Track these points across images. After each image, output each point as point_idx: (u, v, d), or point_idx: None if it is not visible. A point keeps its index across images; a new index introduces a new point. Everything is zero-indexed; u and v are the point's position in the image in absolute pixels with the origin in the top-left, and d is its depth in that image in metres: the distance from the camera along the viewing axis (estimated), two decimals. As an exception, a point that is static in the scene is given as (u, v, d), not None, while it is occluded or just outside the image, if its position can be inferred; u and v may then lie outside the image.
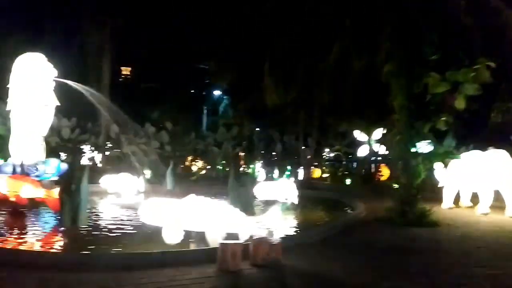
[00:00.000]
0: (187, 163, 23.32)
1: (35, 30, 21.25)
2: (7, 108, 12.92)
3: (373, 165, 23.59)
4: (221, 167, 23.32)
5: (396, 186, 9.65)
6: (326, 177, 23.69)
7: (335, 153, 27.79)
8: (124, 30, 23.81)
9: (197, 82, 28.14)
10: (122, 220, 8.65)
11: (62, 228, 6.67)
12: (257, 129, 24.42)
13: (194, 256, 5.24)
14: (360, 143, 23.25)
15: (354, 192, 15.83)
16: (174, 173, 15.74)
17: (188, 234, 6.00)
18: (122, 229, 7.48)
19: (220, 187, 17.27)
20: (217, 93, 30.39)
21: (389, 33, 9.07)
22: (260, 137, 23.56)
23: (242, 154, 24.10)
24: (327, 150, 28.23)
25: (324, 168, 24.53)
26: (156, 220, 6.00)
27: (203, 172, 22.75)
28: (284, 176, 14.79)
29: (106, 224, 7.95)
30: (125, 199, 12.80)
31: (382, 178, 21.26)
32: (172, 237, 5.86)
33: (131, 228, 7.39)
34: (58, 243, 6.43)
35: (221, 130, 22.94)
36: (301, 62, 15.93)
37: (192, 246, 5.93)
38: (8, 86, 12.96)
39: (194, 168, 23.21)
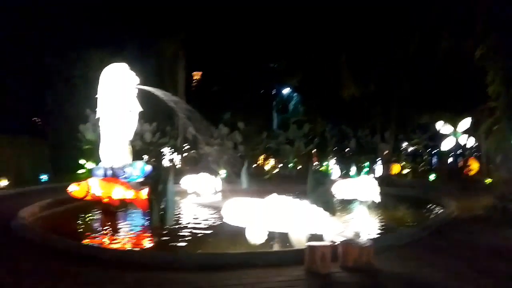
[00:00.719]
0: (260, 162, 23.52)
1: (116, 44, 22.91)
2: (97, 116, 14.06)
3: (459, 159, 21.70)
4: (293, 165, 23.14)
5: (489, 181, 8.64)
6: (407, 173, 22.28)
7: (414, 147, 26.09)
8: (195, 38, 24.75)
9: (266, 81, 28.22)
10: (204, 219, 8.87)
11: (151, 228, 6.99)
12: (329, 125, 23.82)
13: (281, 258, 5.12)
14: (444, 136, 21.49)
15: (439, 188, 14.62)
16: (248, 172, 15.91)
17: (271, 235, 5.91)
18: (206, 228, 7.65)
19: (294, 185, 17.18)
20: (286, 91, 30.26)
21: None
22: (332, 133, 22.93)
23: (314, 151, 23.69)
24: (405, 144, 26.65)
25: (404, 163, 23.09)
26: (239, 220, 5.99)
27: (276, 170, 22.76)
28: (363, 173, 14.15)
29: (190, 224, 8.19)
30: (204, 198, 13.20)
31: (471, 173, 19.43)
32: (255, 237, 5.81)
33: (215, 227, 7.51)
34: (149, 243, 6.74)
35: (292, 128, 22.76)
36: (379, 52, 15.12)
37: (276, 247, 5.82)
38: (96, 96, 14.09)
39: (267, 167, 23.33)
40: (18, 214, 7.69)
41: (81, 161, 19.45)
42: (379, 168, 20.56)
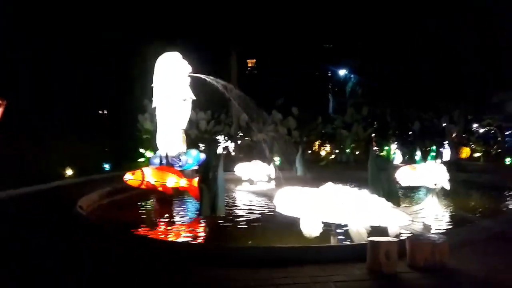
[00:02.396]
0: (315, 148, 22.80)
1: (170, 36, 23.28)
2: (153, 106, 14.32)
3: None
4: (350, 151, 22.14)
5: None
6: (478, 156, 20.36)
7: (486, 128, 23.77)
8: (247, 25, 24.50)
9: (321, 62, 27.23)
10: (257, 208, 8.58)
11: (202, 217, 6.83)
12: (389, 107, 22.36)
13: (338, 253, 4.65)
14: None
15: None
16: (303, 159, 15.38)
17: (327, 227, 5.42)
18: (258, 219, 7.34)
19: (352, 172, 16.36)
20: (343, 72, 28.94)
21: None
22: (393, 116, 21.51)
23: (373, 135, 22.48)
24: (475, 125, 24.39)
25: (475, 146, 21.10)
26: (292, 210, 5.56)
27: (332, 156, 21.91)
28: (429, 158, 13.01)
29: (242, 213, 7.94)
30: (258, 186, 12.95)
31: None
32: (310, 229, 5.35)
33: (267, 217, 7.17)
34: (199, 234, 6.57)
35: (350, 111, 21.67)
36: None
37: (333, 241, 5.33)
38: (152, 85, 14.32)
39: (322, 153, 22.56)
40: (77, 203, 7.92)
41: (141, 150, 20.14)
42: (447, 152, 18.95)
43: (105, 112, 26.98)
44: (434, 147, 17.63)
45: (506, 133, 23.82)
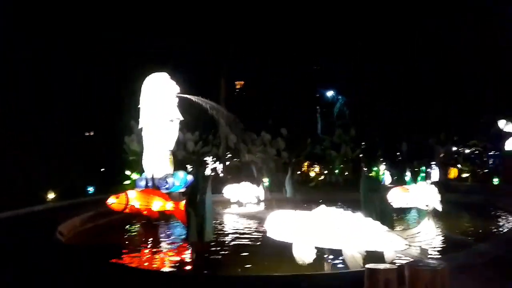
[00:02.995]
0: (304, 169, 22.64)
1: (157, 55, 23.25)
2: (139, 126, 14.05)
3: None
4: (339, 172, 22.04)
5: None
6: (466, 177, 20.46)
7: (472, 148, 24.05)
8: (235, 46, 24.66)
9: (308, 84, 27.47)
10: (246, 232, 8.27)
11: (189, 243, 6.48)
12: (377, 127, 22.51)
13: (333, 281, 4.39)
14: (508, 135, 19.57)
15: (507, 193, 13.07)
16: (292, 180, 15.18)
17: (321, 252, 5.17)
18: (248, 244, 7.03)
19: (342, 193, 16.19)
20: (330, 93, 29.24)
21: None
22: (381, 136, 21.60)
23: (361, 156, 22.48)
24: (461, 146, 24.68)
25: (462, 167, 21.25)
26: (284, 235, 5.31)
27: (322, 177, 21.75)
28: (419, 178, 12.98)
29: (231, 238, 7.62)
30: (247, 208, 12.65)
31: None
32: (303, 255, 5.10)
33: (257, 242, 6.87)
34: (186, 261, 6.23)
35: (338, 132, 21.69)
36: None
37: (328, 268, 5.07)
38: (139, 106, 14.09)
39: (312, 174, 22.40)
40: (57, 228, 7.51)
41: (127, 172, 19.69)
42: (434, 173, 19.00)
43: (91, 133, 26.51)
44: (423, 168, 17.67)
45: (490, 154, 24.12)
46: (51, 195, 13.44)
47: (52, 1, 20.54)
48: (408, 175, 13.06)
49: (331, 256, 5.20)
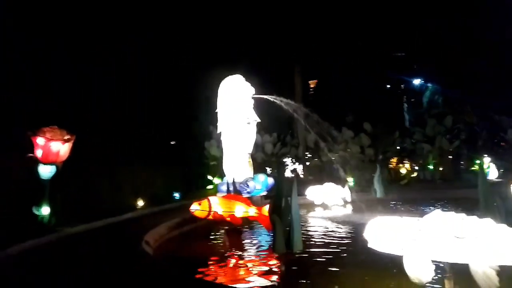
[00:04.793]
0: (393, 166, 20.87)
1: (231, 60, 23.37)
2: (218, 131, 13.97)
3: None
4: (433, 167, 19.88)
5: None
6: None
7: None
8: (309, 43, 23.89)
9: (393, 73, 25.41)
10: (338, 241, 7.42)
11: (277, 254, 5.87)
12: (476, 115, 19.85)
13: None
14: None
15: None
16: (382, 178, 13.89)
17: (439, 268, 4.18)
18: (344, 256, 6.18)
19: (439, 191, 14.43)
20: (418, 81, 26.70)
21: None
22: (483, 125, 18.99)
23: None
24: None
25: None
26: (391, 246, 4.41)
27: (414, 174, 19.79)
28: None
29: (322, 248, 6.82)
30: (333, 211, 11.78)
31: None
32: (417, 271, 4.16)
33: (354, 253, 6.00)
34: (274, 276, 5.60)
35: (430, 123, 19.51)
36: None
37: (450, 286, 4.07)
38: (216, 111, 14.02)
39: (402, 171, 20.54)
40: (144, 238, 7.44)
41: (209, 177, 19.97)
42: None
43: (174, 142, 27.64)
44: None
45: None
46: (140, 203, 13.91)
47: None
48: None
49: (453, 273, 4.19)
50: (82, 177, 14.24)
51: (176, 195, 16.56)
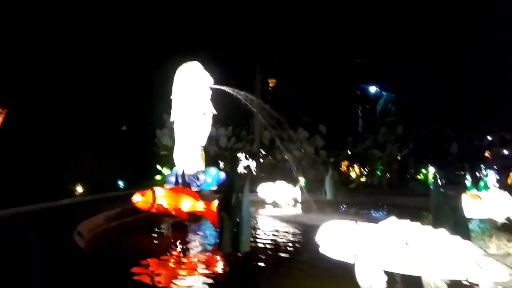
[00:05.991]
0: (343, 170, 21.24)
1: (192, 47, 22.58)
2: (171, 119, 13.30)
3: None
4: (380, 173, 20.47)
5: None
6: (527, 183, 18.33)
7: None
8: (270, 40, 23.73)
9: (349, 79, 25.92)
10: (288, 242, 7.15)
11: (222, 253, 5.46)
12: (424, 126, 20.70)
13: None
14: None
15: None
16: (333, 181, 13.93)
17: (391, 277, 4.00)
18: (293, 259, 5.87)
19: (386, 197, 14.75)
20: (373, 89, 27.47)
21: None
22: (430, 137, 19.82)
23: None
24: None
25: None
26: (343, 253, 4.18)
27: (363, 179, 20.25)
28: (481, 184, 11.38)
29: (270, 249, 6.50)
30: (283, 210, 11.59)
31: None
32: (368, 280, 3.96)
33: (305, 258, 5.67)
34: (217, 276, 5.18)
35: (382, 131, 20.06)
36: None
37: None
38: (171, 98, 13.34)
39: (352, 175, 20.95)
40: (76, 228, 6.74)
41: (158, 167, 19.14)
42: (491, 177, 17.06)
43: (124, 128, 26.30)
44: (488, 171, 15.86)
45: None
46: (79, 189, 12.92)
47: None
48: (468, 180, 11.46)
49: (404, 284, 4.03)
50: (20, 158, 13.06)
51: (121, 183, 15.63)
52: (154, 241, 7.40)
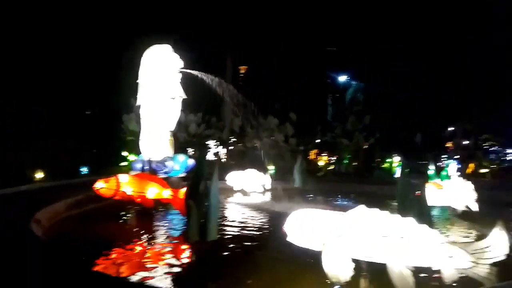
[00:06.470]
0: (312, 158, 21.46)
1: (162, 30, 21.85)
2: (137, 104, 12.82)
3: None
4: (347, 161, 20.84)
5: None
6: (484, 172, 19.28)
7: (486, 143, 22.79)
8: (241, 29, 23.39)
9: (320, 68, 26.02)
10: (257, 230, 7.10)
11: (188, 241, 5.32)
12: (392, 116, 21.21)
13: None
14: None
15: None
16: (301, 169, 14.02)
17: (358, 266, 4.01)
18: (262, 247, 5.79)
19: (354, 184, 15.04)
20: (343, 78, 27.71)
21: None
22: (397, 127, 20.33)
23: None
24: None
25: (481, 162, 20.03)
26: (310, 241, 4.15)
27: (331, 167, 20.55)
28: (444, 173, 11.79)
29: (238, 237, 6.43)
30: (252, 198, 11.55)
31: None
32: (336, 268, 3.95)
33: (272, 244, 5.64)
34: (183, 267, 5.03)
35: (351, 119, 20.34)
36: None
37: (366, 286, 3.93)
38: (137, 81, 12.83)
39: (320, 163, 21.21)
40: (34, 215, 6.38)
41: (124, 153, 18.58)
42: (452, 167, 17.76)
43: (89, 112, 25.29)
44: (449, 162, 16.44)
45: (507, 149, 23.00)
46: (39, 175, 12.33)
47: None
48: (432, 169, 11.82)
49: (370, 271, 4.06)
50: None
51: (84, 170, 15.07)
52: (118, 229, 7.14)
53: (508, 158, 22.84)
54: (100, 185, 7.29)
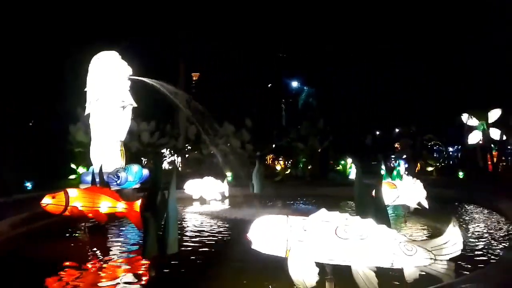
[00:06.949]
0: (269, 163, 21.58)
1: (110, 38, 21.11)
2: (86, 113, 12.25)
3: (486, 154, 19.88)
4: (303, 165, 21.20)
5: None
6: (431, 171, 20.42)
7: (430, 142, 24.25)
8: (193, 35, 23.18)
9: (273, 74, 26.36)
10: (218, 240, 6.94)
11: (147, 257, 5.05)
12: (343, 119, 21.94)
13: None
14: (470, 129, 19.76)
15: (479, 188, 12.79)
16: (259, 174, 14.02)
17: (322, 269, 4.00)
18: (225, 257, 5.65)
19: (310, 188, 15.29)
20: (295, 84, 28.25)
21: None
22: (349, 130, 21.03)
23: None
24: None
25: (427, 160, 21.21)
26: (274, 248, 4.08)
27: (288, 171, 20.77)
28: (395, 173, 12.32)
29: (200, 248, 6.23)
30: (211, 206, 11.35)
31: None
32: (302, 273, 3.91)
33: (235, 254, 5.49)
34: (142, 282, 4.77)
35: (305, 124, 20.72)
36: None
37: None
38: (85, 89, 12.28)
39: (277, 168, 21.38)
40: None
41: (72, 166, 17.59)
42: (401, 167, 18.66)
43: (31, 123, 23.72)
44: (399, 162, 17.24)
45: (449, 148, 24.55)
46: (-23, 193, 11.31)
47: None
48: (383, 169, 12.31)
49: (334, 274, 4.06)
50: None
51: (28, 185, 14.04)
52: (70, 248, 6.67)
53: (451, 155, 24.40)
54: (47, 201, 6.77)
